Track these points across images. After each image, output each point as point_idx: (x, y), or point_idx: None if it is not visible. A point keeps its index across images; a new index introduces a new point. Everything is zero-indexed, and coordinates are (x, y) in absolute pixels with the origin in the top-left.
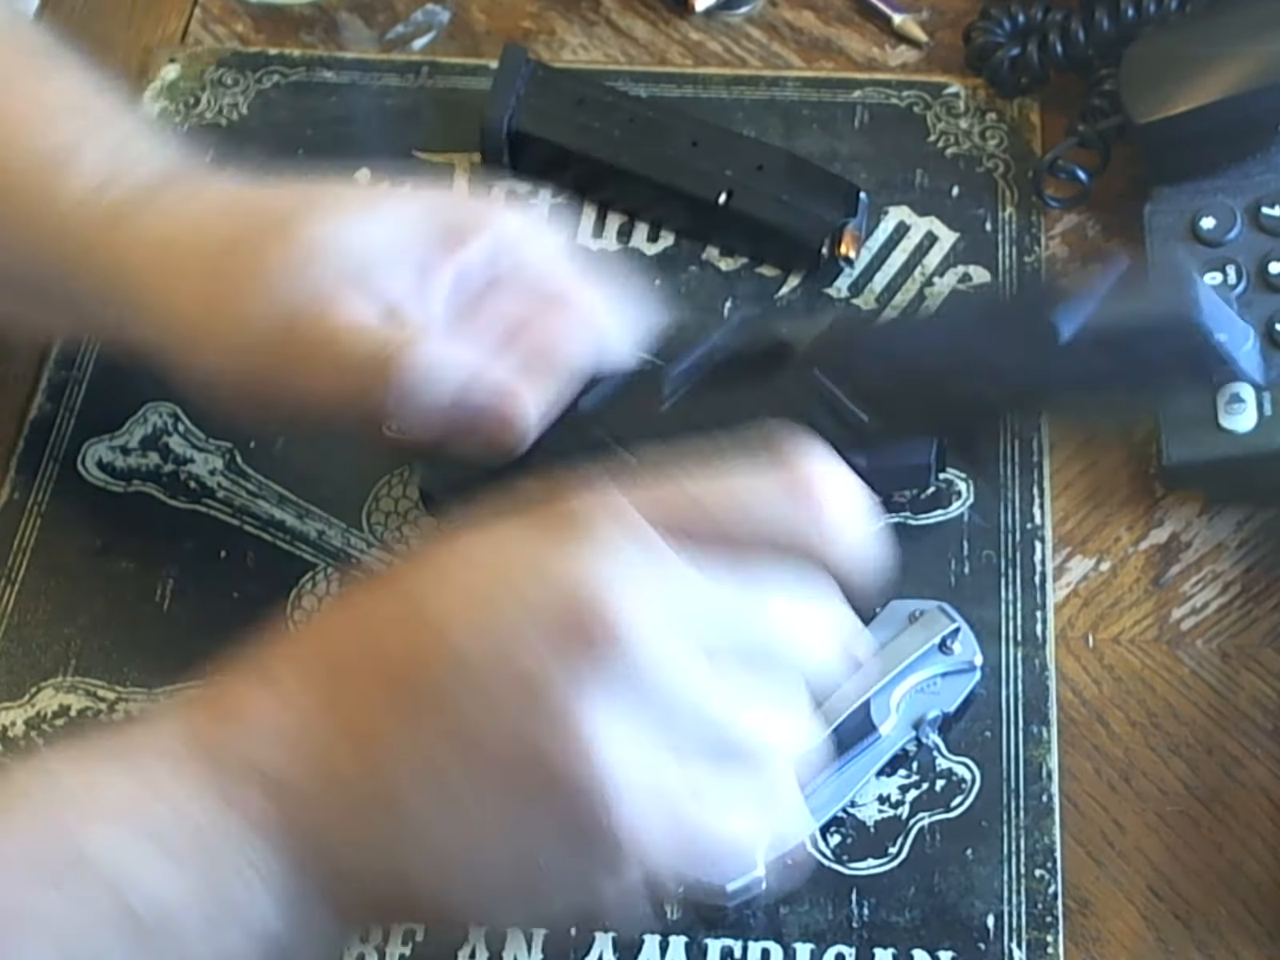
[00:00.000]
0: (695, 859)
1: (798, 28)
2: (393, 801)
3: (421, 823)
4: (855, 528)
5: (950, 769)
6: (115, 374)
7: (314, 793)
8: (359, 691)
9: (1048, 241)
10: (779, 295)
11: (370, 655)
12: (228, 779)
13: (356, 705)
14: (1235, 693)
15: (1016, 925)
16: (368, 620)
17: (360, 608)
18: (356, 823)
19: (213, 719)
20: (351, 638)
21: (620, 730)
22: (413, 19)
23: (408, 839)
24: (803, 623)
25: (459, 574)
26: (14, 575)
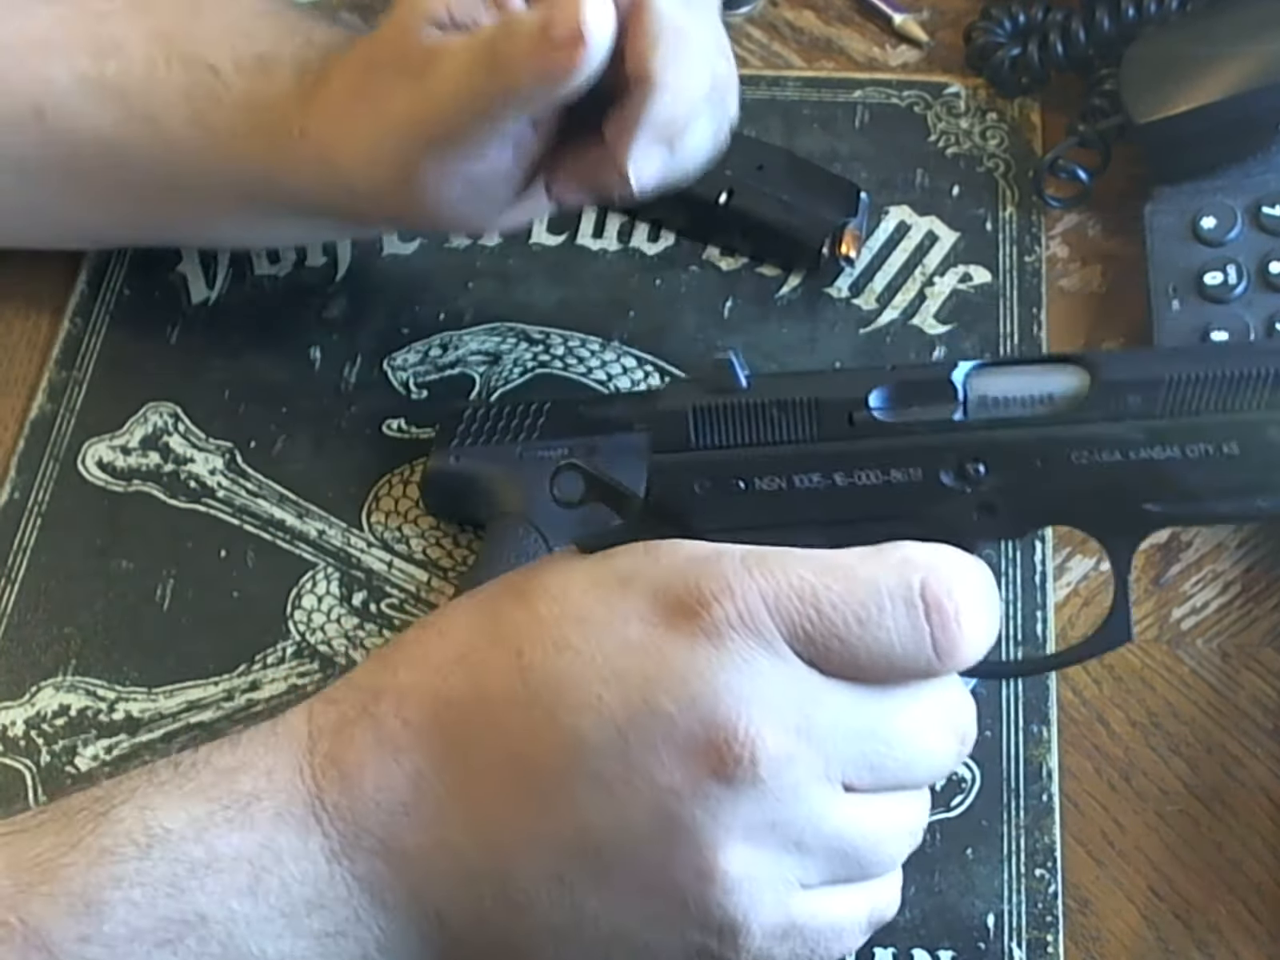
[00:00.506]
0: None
1: (798, 27)
2: (508, 885)
3: (538, 912)
4: (981, 644)
5: None
6: (115, 374)
7: (433, 865)
8: (479, 766)
9: (1048, 241)
10: (779, 295)
11: (490, 727)
12: (349, 846)
13: (476, 781)
14: (1235, 692)
15: (1016, 924)
16: (483, 677)
17: (473, 657)
18: (472, 898)
19: (332, 781)
20: (467, 696)
21: (754, 858)
22: None
23: (523, 922)
24: (932, 733)
25: (582, 651)
26: (14, 575)
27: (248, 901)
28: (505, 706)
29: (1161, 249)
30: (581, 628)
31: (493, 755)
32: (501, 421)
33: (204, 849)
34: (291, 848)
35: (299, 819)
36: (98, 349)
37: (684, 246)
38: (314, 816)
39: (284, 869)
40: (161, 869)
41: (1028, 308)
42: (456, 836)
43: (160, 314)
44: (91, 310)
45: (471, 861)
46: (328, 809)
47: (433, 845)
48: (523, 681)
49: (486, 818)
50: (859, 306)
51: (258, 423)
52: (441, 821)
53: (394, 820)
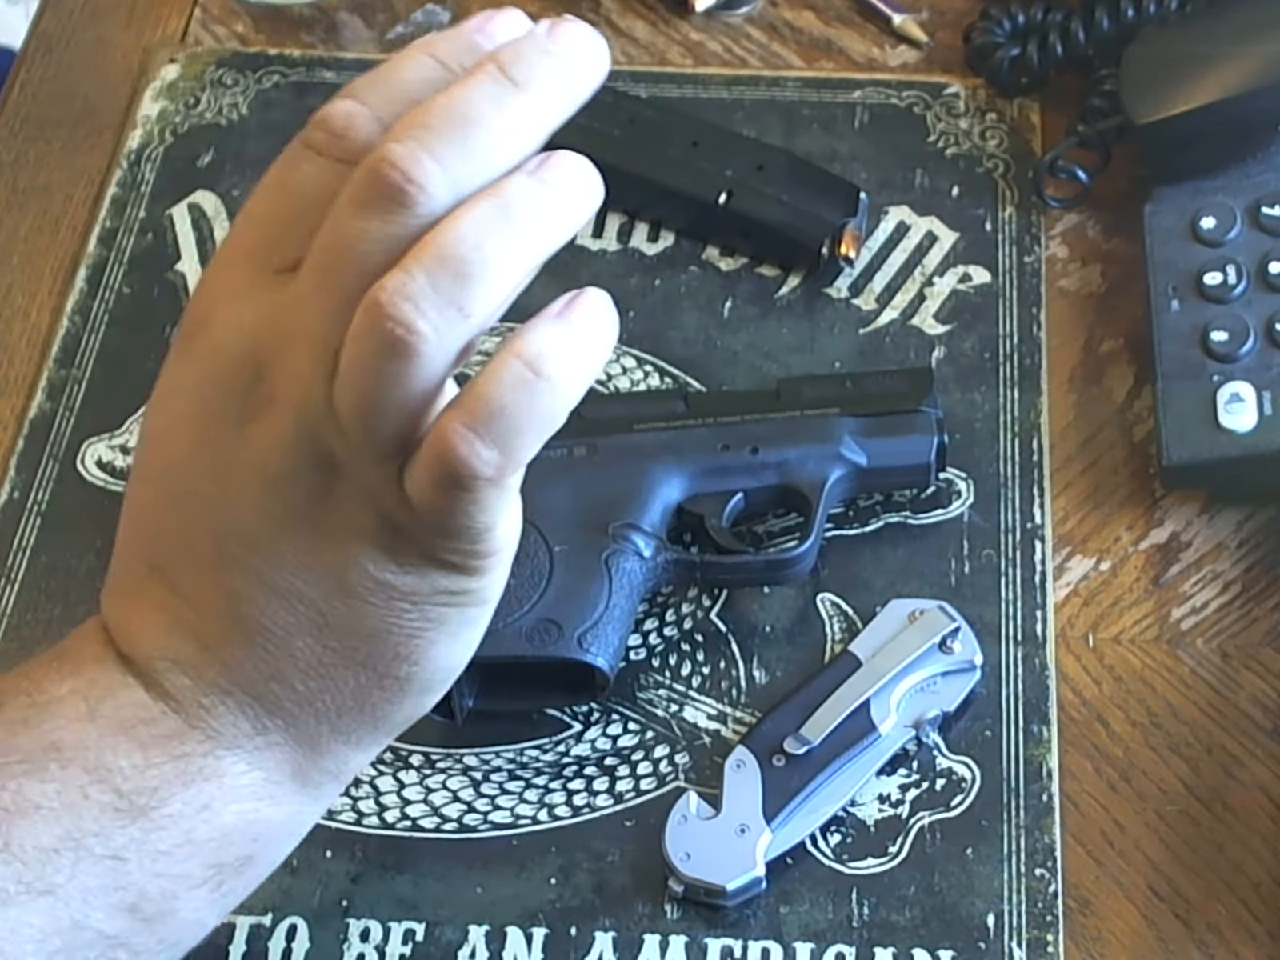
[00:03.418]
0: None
1: (798, 28)
2: (259, 625)
3: (289, 624)
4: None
5: (950, 768)
6: (115, 373)
7: (204, 652)
8: (176, 572)
9: (1048, 241)
10: (779, 295)
11: (159, 539)
12: (145, 674)
13: (182, 581)
14: (1235, 692)
15: (1017, 924)
16: (138, 516)
17: (129, 507)
18: (246, 656)
19: (114, 633)
20: (140, 533)
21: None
22: (413, 19)
23: (290, 641)
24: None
25: (160, 429)
26: (14, 575)
27: (90, 726)
28: (152, 510)
29: (1161, 249)
30: (157, 413)
31: (175, 554)
32: None
33: (45, 696)
34: (112, 683)
35: (113, 661)
36: (97, 348)
37: (684, 246)
38: (118, 660)
39: (113, 697)
40: (12, 713)
41: (1027, 308)
42: (208, 627)
43: (159, 313)
44: (91, 309)
45: (229, 634)
46: (125, 655)
47: (203, 643)
48: (148, 478)
49: (207, 599)
50: (859, 306)
51: None
52: (195, 624)
53: (168, 641)
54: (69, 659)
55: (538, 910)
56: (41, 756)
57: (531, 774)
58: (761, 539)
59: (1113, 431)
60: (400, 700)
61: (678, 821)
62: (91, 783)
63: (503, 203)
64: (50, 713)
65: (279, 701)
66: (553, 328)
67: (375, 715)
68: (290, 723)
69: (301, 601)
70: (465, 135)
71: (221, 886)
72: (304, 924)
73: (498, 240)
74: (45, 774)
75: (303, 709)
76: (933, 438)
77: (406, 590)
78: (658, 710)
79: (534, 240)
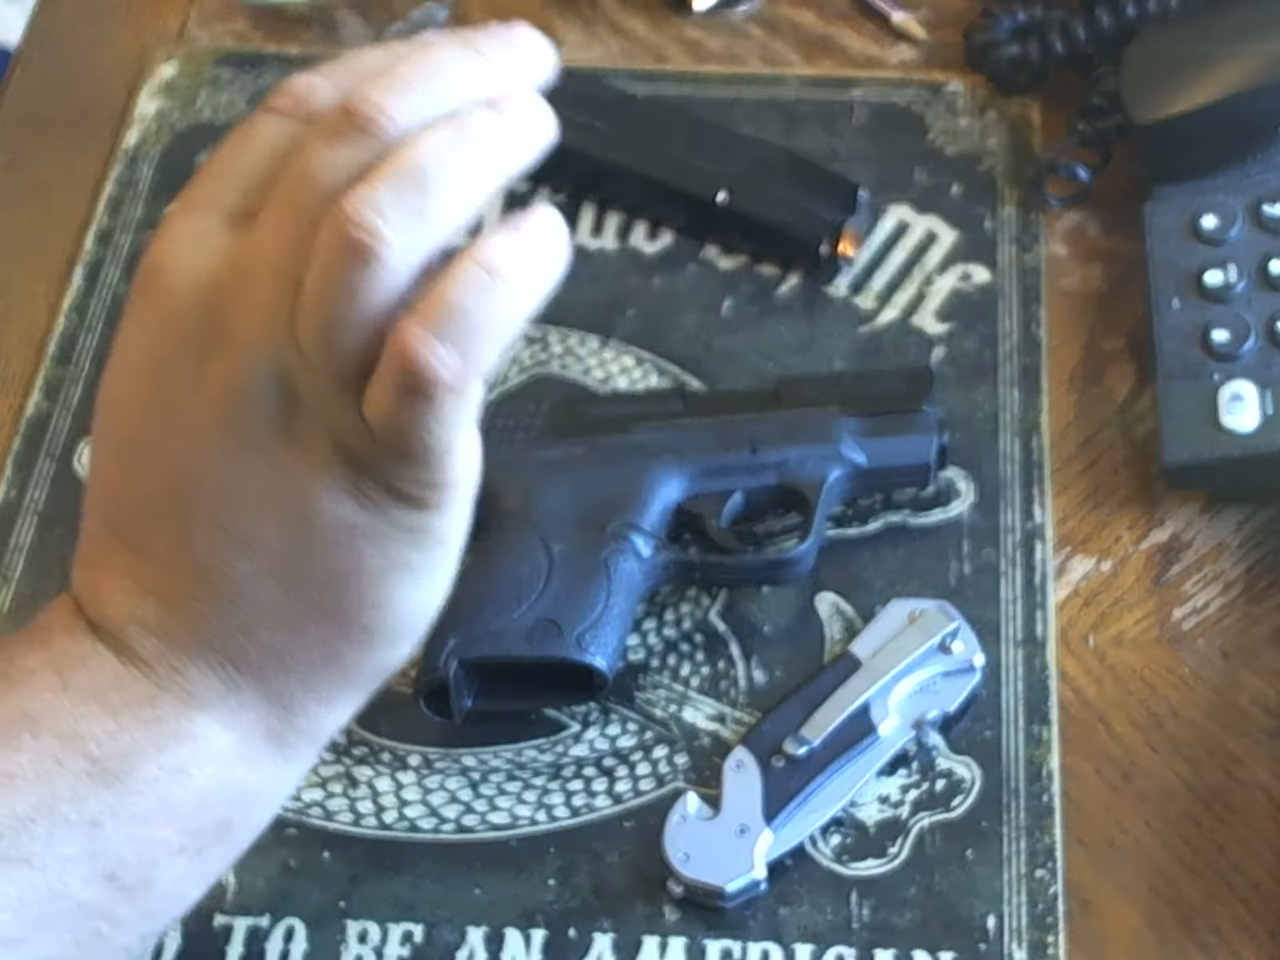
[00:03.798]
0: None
1: (797, 26)
2: (223, 577)
3: (253, 573)
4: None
5: (950, 769)
6: None
7: (172, 611)
8: (138, 533)
9: (1048, 240)
10: (778, 294)
11: (120, 503)
12: (116, 640)
13: (145, 542)
14: (1236, 692)
15: (1017, 926)
16: (99, 482)
17: (93, 474)
18: (213, 611)
19: (85, 602)
20: (102, 499)
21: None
22: (411, 17)
23: (256, 591)
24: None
25: (117, 391)
26: (10, 575)
27: (62, 695)
28: (112, 471)
29: (1161, 248)
30: (113, 374)
31: (136, 515)
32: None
33: (16, 669)
34: (83, 652)
35: (83, 631)
36: (94, 346)
37: (683, 245)
38: (89, 629)
39: (85, 666)
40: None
41: (1027, 307)
42: (173, 585)
43: None
44: (87, 307)
45: (194, 590)
46: (95, 622)
47: (170, 601)
48: (103, 439)
49: (172, 555)
50: (858, 305)
51: None
52: (161, 584)
53: (136, 605)
54: (39, 633)
55: (536, 911)
56: (14, 727)
57: (530, 775)
58: (761, 539)
59: (1113, 431)
60: (369, 651)
61: (677, 822)
62: (64, 750)
63: (460, 125)
64: (22, 684)
65: (247, 656)
66: (507, 236)
67: (344, 668)
68: (260, 679)
69: (263, 548)
70: (431, 79)
71: (201, 854)
72: (302, 925)
73: (457, 156)
74: (18, 744)
75: (272, 663)
76: (933, 437)
77: (367, 528)
78: (657, 711)
79: (490, 161)
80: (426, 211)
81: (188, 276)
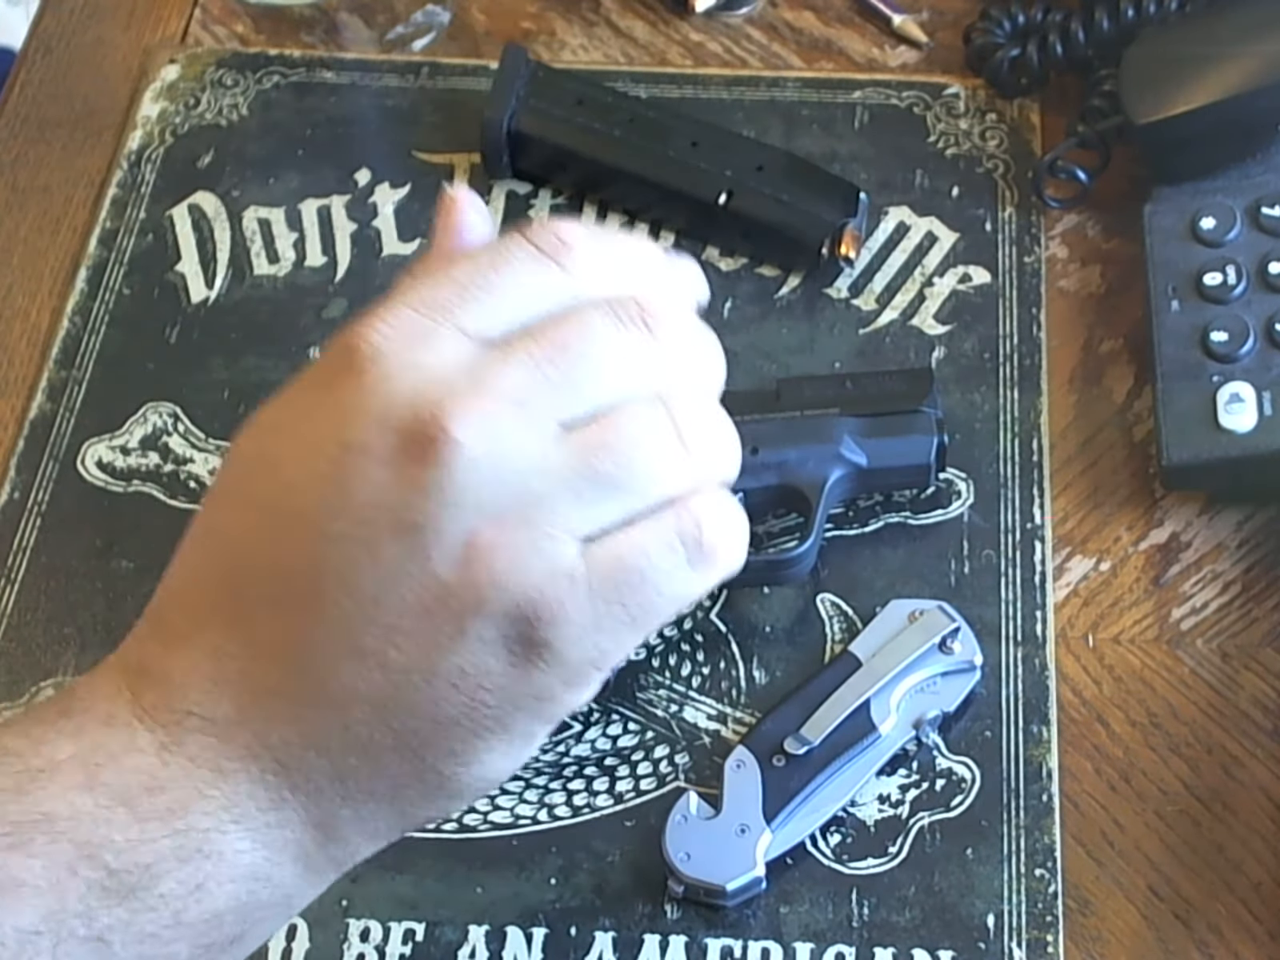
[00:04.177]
0: (626, 591)
1: (798, 28)
2: (324, 689)
3: (358, 694)
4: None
5: (950, 769)
6: (115, 373)
7: (255, 715)
8: (253, 604)
9: (1048, 241)
10: (779, 295)
11: (242, 565)
12: (175, 734)
13: (260, 621)
14: (1235, 692)
15: (1017, 925)
16: (224, 544)
17: (211, 535)
18: (301, 723)
19: (144, 685)
20: (216, 559)
21: (500, 524)
22: (413, 20)
23: (350, 715)
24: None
25: (281, 452)
26: (14, 575)
27: (87, 796)
28: (247, 539)
29: (1161, 249)
30: (274, 436)
31: (261, 589)
32: None
33: (42, 760)
34: (121, 745)
35: (123, 721)
36: (97, 349)
37: (684, 247)
38: (135, 719)
39: (117, 764)
40: (5, 780)
41: (1027, 308)
42: (265, 679)
43: (160, 314)
44: (91, 310)
45: (286, 688)
46: (147, 710)
47: (249, 699)
48: (248, 503)
49: (278, 643)
50: (859, 307)
51: None
52: (248, 675)
53: (207, 696)
54: (74, 718)
55: (538, 910)
56: (30, 828)
57: (531, 774)
58: (761, 539)
59: (1113, 431)
60: (432, 800)
61: (678, 821)
62: (81, 859)
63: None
64: (44, 780)
65: (309, 774)
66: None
67: (402, 809)
68: (312, 801)
69: (380, 668)
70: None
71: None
72: (304, 924)
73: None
74: (32, 848)
75: (332, 786)
76: (932, 438)
77: (500, 683)
78: (658, 710)
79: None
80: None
81: (409, 369)
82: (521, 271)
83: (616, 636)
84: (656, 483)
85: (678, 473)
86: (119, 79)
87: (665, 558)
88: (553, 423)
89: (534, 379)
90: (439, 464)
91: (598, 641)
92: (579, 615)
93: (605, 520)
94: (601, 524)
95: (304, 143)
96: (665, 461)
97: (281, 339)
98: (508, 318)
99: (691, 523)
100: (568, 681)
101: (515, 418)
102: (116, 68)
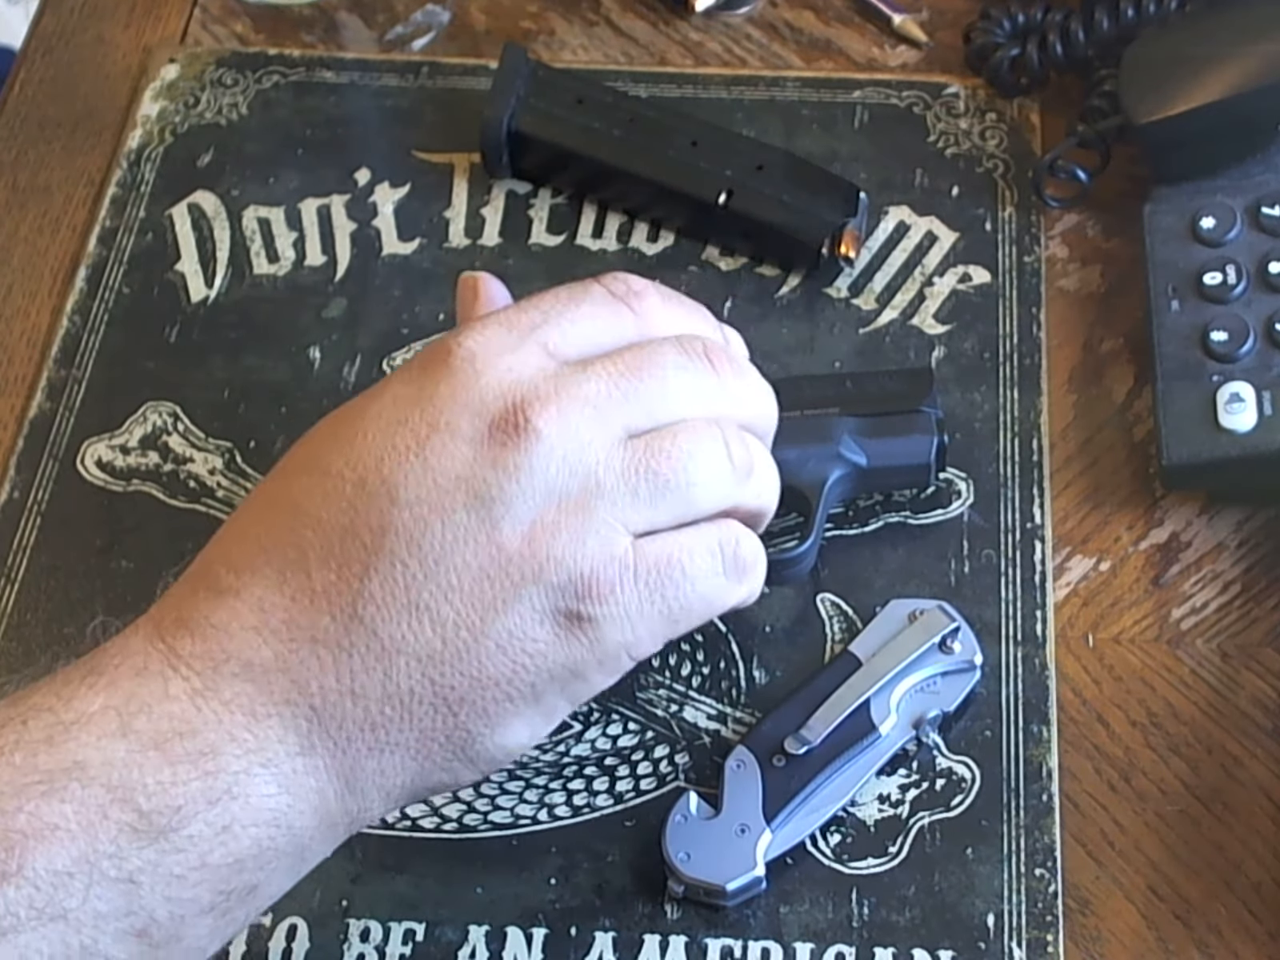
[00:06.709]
0: (672, 599)
1: (797, 28)
2: (372, 639)
3: (407, 647)
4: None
5: (950, 768)
6: (114, 373)
7: (296, 660)
8: (312, 561)
9: (1048, 241)
10: (779, 295)
11: (308, 525)
12: (210, 681)
13: (313, 572)
14: (1235, 692)
15: (1017, 924)
16: (288, 506)
17: (272, 500)
18: (342, 671)
19: (182, 636)
20: (280, 517)
21: (563, 510)
22: (412, 19)
23: (395, 665)
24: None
25: (364, 416)
26: (14, 575)
27: (119, 742)
28: (315, 500)
29: (1161, 249)
30: (357, 418)
31: (324, 547)
32: None
33: (74, 714)
34: (154, 694)
35: (157, 672)
36: (97, 348)
37: (684, 246)
38: (170, 667)
39: (149, 712)
40: (37, 733)
41: (1027, 308)
42: (311, 628)
43: (159, 313)
44: (90, 309)
45: (333, 637)
46: (184, 658)
47: (292, 647)
48: (324, 471)
49: (333, 594)
50: (858, 306)
51: (257, 423)
52: (294, 623)
53: (248, 644)
54: (105, 674)
55: (538, 910)
56: (63, 775)
57: (531, 774)
58: (761, 539)
59: (1113, 431)
60: (450, 762)
61: (678, 821)
62: (113, 802)
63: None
64: (77, 730)
65: (342, 722)
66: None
67: (422, 765)
68: (340, 749)
69: (433, 623)
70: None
71: (227, 914)
72: (304, 924)
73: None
74: (65, 794)
75: (362, 735)
76: (932, 438)
77: (542, 650)
78: (658, 710)
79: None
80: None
81: (500, 370)
82: (599, 307)
83: (651, 627)
84: (705, 492)
85: (725, 488)
86: (119, 78)
87: (705, 561)
88: (621, 428)
89: (608, 390)
90: (520, 448)
91: (635, 628)
92: (625, 599)
93: (657, 520)
94: (653, 523)
95: (304, 142)
96: (715, 476)
97: (281, 338)
98: (584, 345)
99: (731, 536)
100: (601, 662)
101: (589, 419)
102: (116, 67)
